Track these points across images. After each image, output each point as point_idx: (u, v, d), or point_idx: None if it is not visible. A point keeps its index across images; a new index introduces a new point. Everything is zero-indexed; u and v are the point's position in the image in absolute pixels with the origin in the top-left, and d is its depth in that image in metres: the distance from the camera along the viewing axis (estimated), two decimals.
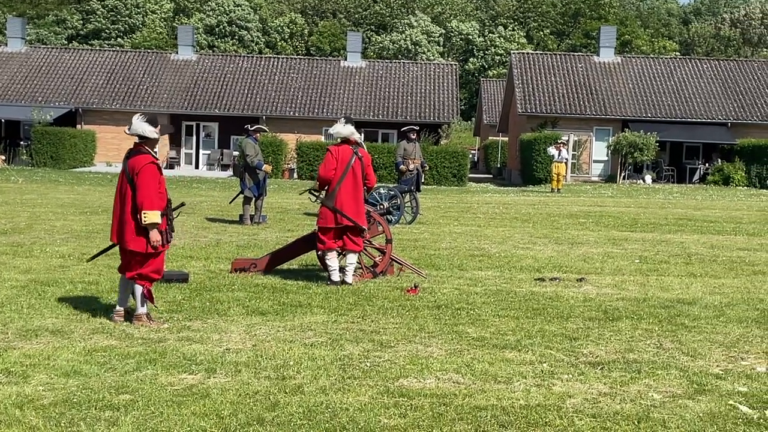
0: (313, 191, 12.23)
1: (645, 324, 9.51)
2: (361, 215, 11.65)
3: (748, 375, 7.52)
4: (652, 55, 61.44)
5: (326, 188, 11.61)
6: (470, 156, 54.22)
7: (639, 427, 6.13)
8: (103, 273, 11.86)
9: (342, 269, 11.80)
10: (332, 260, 11.56)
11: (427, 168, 23.89)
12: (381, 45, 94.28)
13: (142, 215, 8.68)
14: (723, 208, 28.42)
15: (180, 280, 11.31)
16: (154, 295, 9.16)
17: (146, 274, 8.95)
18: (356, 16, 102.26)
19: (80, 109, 49.66)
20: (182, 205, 9.81)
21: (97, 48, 66.57)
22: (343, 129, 11.74)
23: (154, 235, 8.77)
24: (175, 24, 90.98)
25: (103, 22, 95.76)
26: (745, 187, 42.69)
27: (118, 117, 47.40)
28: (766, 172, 43.10)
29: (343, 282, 11.56)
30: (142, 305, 8.96)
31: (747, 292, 11.77)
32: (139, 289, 8.93)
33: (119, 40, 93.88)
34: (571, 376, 7.37)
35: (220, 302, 10.14)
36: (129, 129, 9.01)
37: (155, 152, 9.07)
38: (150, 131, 8.92)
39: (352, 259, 11.68)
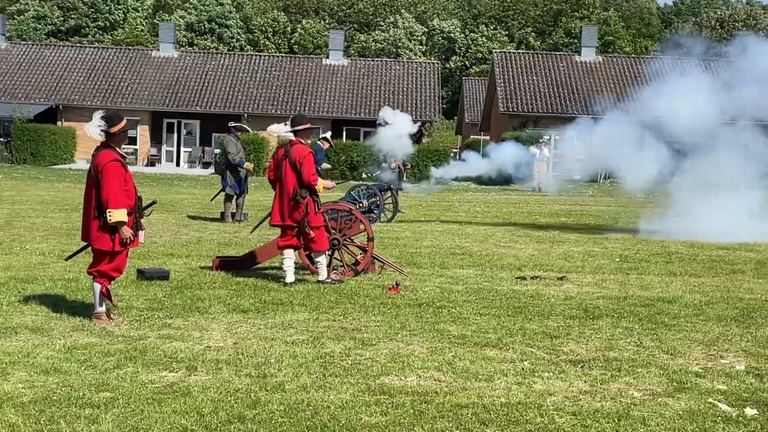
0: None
1: (625, 322, 9.55)
2: (289, 214, 11.37)
3: (727, 373, 7.56)
4: (633, 55, 61.59)
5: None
6: (452, 154, 54.24)
7: (619, 425, 6.15)
8: (83, 271, 11.75)
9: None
10: (287, 260, 11.49)
11: (409, 166, 23.90)
12: (364, 44, 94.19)
13: (108, 214, 8.60)
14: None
15: (161, 277, 11.27)
16: (113, 294, 9.10)
17: (105, 271, 8.88)
18: (340, 14, 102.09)
19: (61, 106, 49.45)
20: (154, 203, 9.75)
21: (78, 44, 66.20)
22: (275, 129, 12.01)
23: (125, 232, 8.69)
24: (155, 21, 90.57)
25: (84, 19, 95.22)
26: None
27: None
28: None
29: (317, 282, 11.55)
30: (101, 304, 8.91)
31: (726, 291, 11.84)
32: (97, 287, 8.87)
33: (99, 36, 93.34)
34: (551, 374, 7.40)
35: (201, 300, 10.11)
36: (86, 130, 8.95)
37: (122, 149, 8.98)
38: (95, 134, 8.78)
39: (318, 258, 11.66)
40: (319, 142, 21.28)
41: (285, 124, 11.85)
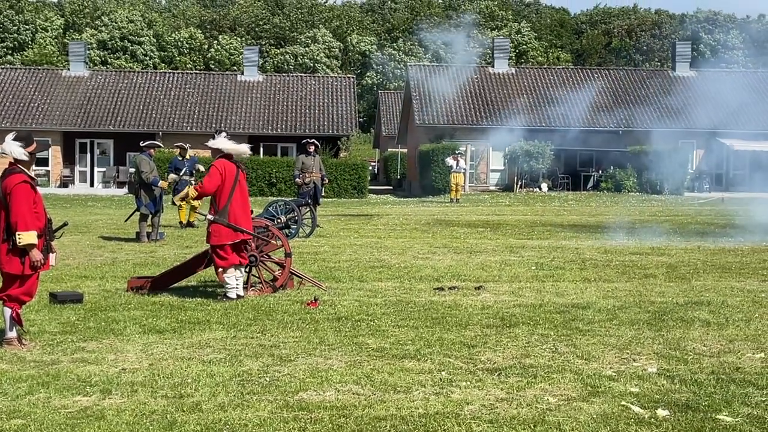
0: (199, 212, 12.29)
1: (541, 329, 9.68)
2: (250, 225, 11.88)
3: (639, 376, 7.72)
4: (545, 66, 62.67)
5: (216, 205, 11.62)
6: (370, 168, 54.42)
7: (535, 431, 6.23)
8: None
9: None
10: (231, 278, 11.47)
11: (327, 181, 23.88)
12: (281, 59, 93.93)
13: (17, 236, 8.43)
14: (616, 214, 29.12)
15: (74, 300, 11.07)
16: (23, 318, 8.89)
17: (15, 296, 8.67)
18: (257, 29, 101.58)
19: None
20: (65, 224, 9.57)
21: None
22: (239, 145, 11.89)
23: (35, 255, 8.52)
24: (66, 40, 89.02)
25: None
26: (637, 193, 43.84)
27: None
28: (656, 178, 44.25)
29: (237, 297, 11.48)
30: (11, 329, 8.71)
31: (639, 295, 12.09)
32: (7, 311, 8.67)
33: (9, 57, 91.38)
34: (469, 383, 7.46)
35: (116, 322, 9.96)
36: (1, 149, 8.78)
37: (31, 170, 8.82)
38: (19, 153, 8.64)
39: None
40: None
41: (229, 139, 11.87)
